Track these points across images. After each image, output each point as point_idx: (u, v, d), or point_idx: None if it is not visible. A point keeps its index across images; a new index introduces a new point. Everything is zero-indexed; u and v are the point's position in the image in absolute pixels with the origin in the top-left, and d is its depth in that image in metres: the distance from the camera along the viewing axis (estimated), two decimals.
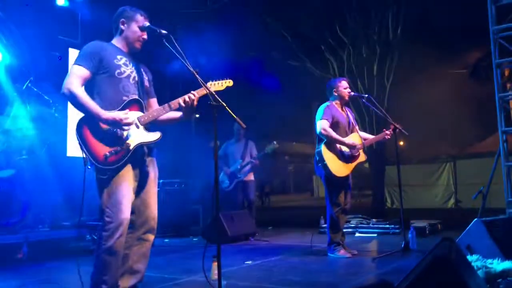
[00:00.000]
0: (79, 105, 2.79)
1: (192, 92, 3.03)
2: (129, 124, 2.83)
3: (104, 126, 2.78)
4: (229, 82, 3.27)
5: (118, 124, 2.79)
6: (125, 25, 3.06)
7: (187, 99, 2.99)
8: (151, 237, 3.06)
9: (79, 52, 2.95)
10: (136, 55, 3.16)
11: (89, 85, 2.91)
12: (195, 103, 3.02)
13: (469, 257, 3.22)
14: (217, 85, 3.21)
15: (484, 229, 3.65)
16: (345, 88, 5.10)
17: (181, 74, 9.72)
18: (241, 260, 4.89)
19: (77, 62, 2.88)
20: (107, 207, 2.79)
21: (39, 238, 5.13)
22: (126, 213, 2.82)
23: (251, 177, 7.35)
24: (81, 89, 2.81)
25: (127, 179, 2.86)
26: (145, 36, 3.08)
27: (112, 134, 2.80)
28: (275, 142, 7.05)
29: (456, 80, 12.39)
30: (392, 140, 5.30)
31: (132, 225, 2.97)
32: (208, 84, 3.10)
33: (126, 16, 3.06)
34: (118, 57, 3.00)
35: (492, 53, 5.93)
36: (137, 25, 3.04)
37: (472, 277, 2.15)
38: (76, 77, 2.82)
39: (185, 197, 7.89)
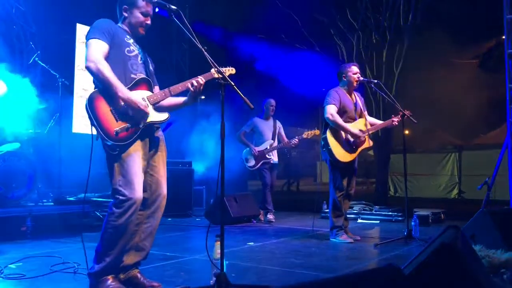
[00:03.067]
0: (104, 79, 2.73)
1: (199, 76, 2.99)
2: (146, 112, 2.83)
3: (121, 103, 2.76)
4: (231, 70, 3.23)
5: (133, 108, 2.78)
6: (128, 11, 3.01)
7: (195, 83, 2.96)
8: (160, 215, 3.07)
9: (93, 27, 2.88)
10: (141, 42, 3.12)
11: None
12: (201, 88, 2.99)
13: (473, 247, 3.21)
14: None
15: (489, 219, 3.64)
16: (354, 74, 5.06)
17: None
18: (243, 241, 4.92)
19: (95, 36, 2.81)
20: (119, 185, 2.77)
21: (43, 212, 5.15)
22: (139, 191, 2.81)
23: (276, 159, 7.10)
24: (106, 64, 2.76)
25: (138, 157, 2.84)
26: (149, 22, 3.03)
27: (124, 111, 2.78)
28: (316, 128, 6.61)
29: (465, 70, 12.25)
30: (397, 128, 5.27)
31: (143, 203, 2.96)
32: (212, 71, 3.03)
33: (128, 3, 3.01)
34: (127, 36, 3.00)
35: (505, 42, 5.85)
36: (139, 11, 2.99)
37: (477, 265, 2.14)
38: (99, 51, 2.78)
39: (189, 178, 7.90)
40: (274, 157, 7.00)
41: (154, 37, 3.25)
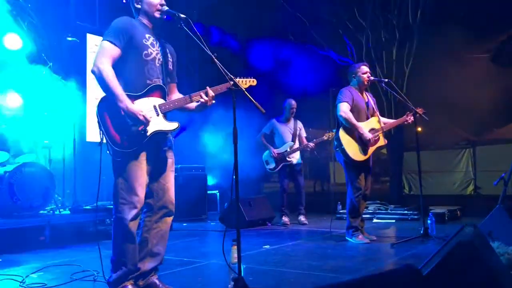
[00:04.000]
0: (106, 87, 2.74)
1: (210, 89, 2.99)
2: (147, 122, 2.79)
3: (122, 113, 2.76)
4: (252, 81, 3.24)
5: (137, 119, 2.75)
6: (140, 2, 3.01)
7: (204, 96, 2.96)
8: (169, 220, 3.09)
9: (111, 27, 2.87)
10: (162, 35, 3.11)
11: (116, 64, 2.84)
12: (212, 101, 3.00)
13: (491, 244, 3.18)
14: (241, 83, 3.16)
15: (506, 215, 3.61)
16: (364, 73, 5.05)
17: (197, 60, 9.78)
18: (259, 244, 4.93)
19: (108, 38, 2.82)
20: (121, 189, 2.82)
21: (60, 221, 5.22)
22: (139, 195, 2.84)
23: (298, 159, 6.93)
24: (111, 70, 2.75)
25: (141, 164, 2.87)
26: (163, 2, 3.01)
27: (126, 120, 2.78)
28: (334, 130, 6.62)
29: (477, 65, 12.12)
30: (410, 125, 5.25)
31: (151, 209, 3.01)
32: (228, 84, 3.02)
33: None
34: (147, 35, 2.95)
35: None
36: None
37: (496, 263, 2.12)
38: (106, 55, 2.77)
39: (202, 182, 7.94)
40: (294, 159, 6.88)
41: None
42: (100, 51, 2.80)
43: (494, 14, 9.70)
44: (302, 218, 6.86)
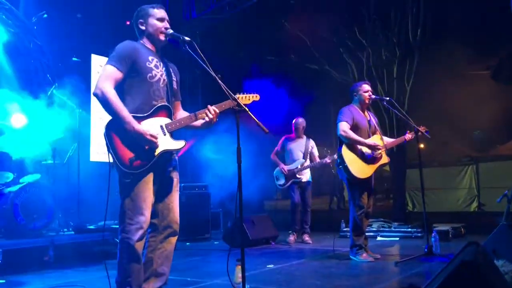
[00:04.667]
0: (110, 109, 2.78)
1: (214, 107, 3.05)
2: (155, 142, 2.83)
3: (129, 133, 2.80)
4: (256, 97, 3.29)
5: (145, 139, 2.79)
6: (144, 24, 3.07)
7: (210, 114, 3.01)
8: (174, 239, 3.10)
9: (114, 51, 2.94)
10: (165, 55, 3.17)
11: (120, 87, 2.90)
12: (216, 118, 3.05)
13: (495, 262, 3.17)
14: (244, 99, 3.22)
15: (510, 233, 3.60)
16: (365, 92, 5.10)
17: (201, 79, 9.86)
18: (263, 264, 4.91)
19: (111, 62, 2.87)
20: (128, 209, 2.85)
21: (64, 241, 5.22)
22: (146, 216, 2.87)
23: (308, 177, 7.01)
24: (113, 92, 2.80)
25: (149, 184, 2.90)
26: (167, 25, 3.07)
27: (134, 141, 2.82)
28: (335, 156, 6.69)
29: (478, 81, 12.19)
30: (412, 142, 5.27)
31: (155, 229, 3.02)
32: (236, 96, 3.09)
33: (141, 15, 3.08)
34: (150, 58, 3.00)
35: None
36: (154, 19, 3.05)
37: (500, 281, 2.13)
38: (109, 78, 2.83)
39: (205, 201, 7.94)
40: (304, 177, 6.93)
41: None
42: (102, 74, 2.86)
43: (494, 31, 9.79)
44: (306, 237, 6.86)
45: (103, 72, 2.88)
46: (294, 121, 7.14)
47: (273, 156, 7.16)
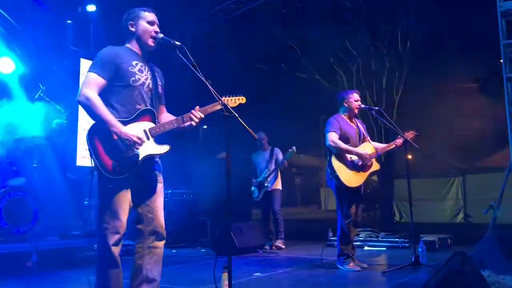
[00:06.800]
0: (95, 115, 2.76)
1: (199, 110, 3.03)
2: (140, 145, 2.81)
3: (115, 137, 2.76)
4: (242, 99, 3.27)
5: (131, 142, 2.77)
6: (134, 26, 3.04)
7: (196, 118, 2.98)
8: (161, 244, 3.04)
9: (95, 59, 2.91)
10: (150, 59, 3.14)
11: (104, 93, 2.87)
12: (203, 120, 3.04)
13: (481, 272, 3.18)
14: (230, 101, 3.20)
15: (496, 244, 3.62)
16: (355, 101, 5.11)
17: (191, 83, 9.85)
18: (250, 272, 4.88)
19: (93, 70, 2.85)
20: (104, 214, 2.81)
21: (48, 247, 5.14)
22: (122, 221, 2.83)
23: (277, 185, 7.27)
24: (98, 98, 2.78)
25: (127, 189, 2.87)
26: (157, 29, 3.04)
27: (119, 145, 2.78)
28: (294, 148, 6.98)
29: (466, 94, 12.35)
30: (400, 153, 5.29)
31: (141, 234, 2.97)
32: (223, 98, 3.08)
33: (132, 17, 3.05)
34: (134, 63, 2.97)
35: (503, 67, 5.92)
36: (145, 21, 3.02)
37: None
38: (93, 85, 2.80)
39: (192, 208, 7.89)
40: (274, 185, 7.21)
41: (157, 66, 3.27)
42: (85, 82, 2.83)
43: (482, 44, 9.93)
44: (278, 242, 7.06)
45: (85, 79, 2.85)
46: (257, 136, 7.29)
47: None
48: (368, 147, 5.04)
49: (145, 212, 2.99)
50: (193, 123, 3.00)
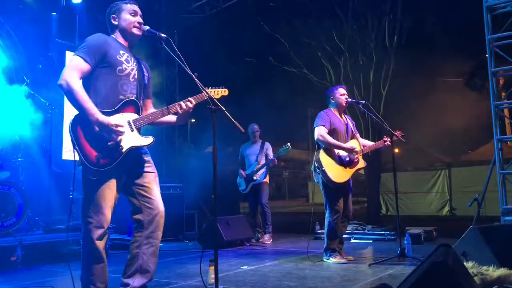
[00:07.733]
0: (75, 101, 2.71)
1: (189, 98, 3.03)
2: (121, 133, 2.77)
3: (97, 128, 2.72)
4: (224, 91, 3.27)
5: (109, 130, 2.72)
6: (116, 19, 3.03)
7: (183, 106, 2.99)
8: (160, 234, 3.04)
9: (83, 43, 2.86)
10: (136, 52, 3.13)
11: (87, 79, 2.83)
12: (191, 110, 3.02)
13: (464, 264, 3.23)
14: (212, 93, 3.19)
15: (480, 236, 3.66)
16: (342, 95, 5.13)
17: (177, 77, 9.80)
18: (237, 265, 4.89)
19: (79, 54, 2.80)
20: (88, 208, 2.80)
21: (33, 241, 5.09)
22: (106, 215, 2.82)
23: (262, 178, 7.24)
24: (79, 84, 2.72)
25: (111, 182, 2.84)
26: (140, 20, 3.03)
27: (101, 136, 2.74)
28: (289, 144, 6.95)
29: (451, 89, 12.48)
30: (387, 147, 5.33)
31: (141, 225, 2.96)
32: (203, 94, 3.06)
33: (114, 11, 3.05)
34: (121, 52, 2.95)
35: (488, 61, 5.99)
36: (127, 13, 3.01)
37: (470, 283, 2.16)
38: (75, 69, 2.75)
39: (180, 202, 7.86)
40: (259, 178, 7.18)
41: (144, 60, 3.26)
42: (69, 65, 2.79)
43: (468, 39, 10.03)
44: (265, 237, 7.08)
45: (70, 63, 2.80)
46: (249, 127, 7.38)
47: (239, 165, 7.48)
48: (355, 144, 5.05)
49: (143, 203, 2.97)
50: (180, 111, 2.98)
